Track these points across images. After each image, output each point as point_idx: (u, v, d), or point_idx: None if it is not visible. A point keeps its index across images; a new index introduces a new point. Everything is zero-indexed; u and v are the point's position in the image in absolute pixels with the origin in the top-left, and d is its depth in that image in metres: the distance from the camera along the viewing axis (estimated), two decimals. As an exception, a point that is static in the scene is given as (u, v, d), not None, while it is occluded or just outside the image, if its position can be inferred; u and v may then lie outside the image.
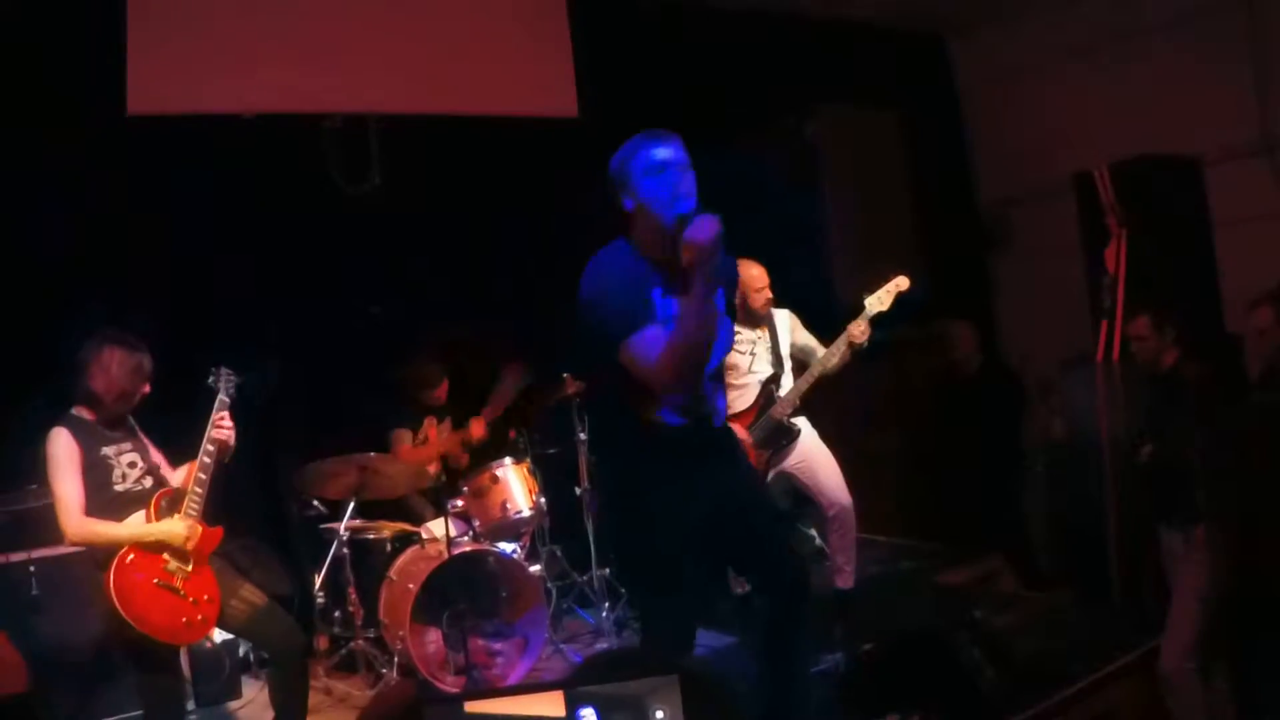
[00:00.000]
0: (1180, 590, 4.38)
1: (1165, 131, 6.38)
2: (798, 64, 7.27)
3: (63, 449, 3.94)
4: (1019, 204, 8.15)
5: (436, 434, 6.20)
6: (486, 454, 6.04)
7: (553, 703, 1.30)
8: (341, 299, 6.05)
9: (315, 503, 5.76)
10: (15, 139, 5.06)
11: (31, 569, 4.73)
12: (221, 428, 4.16)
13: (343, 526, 5.48)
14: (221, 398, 4.25)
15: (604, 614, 5.94)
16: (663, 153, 3.32)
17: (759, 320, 5.63)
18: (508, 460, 5.77)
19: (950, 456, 7.31)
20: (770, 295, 5.60)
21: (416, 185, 6.09)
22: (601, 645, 5.77)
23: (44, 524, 4.73)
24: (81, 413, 4.06)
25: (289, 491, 5.77)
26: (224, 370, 4.32)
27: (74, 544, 3.97)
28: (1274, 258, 5.96)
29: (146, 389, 4.14)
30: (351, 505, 5.54)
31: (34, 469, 4.70)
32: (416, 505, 6.08)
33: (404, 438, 6.07)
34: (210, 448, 4.13)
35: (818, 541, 6.56)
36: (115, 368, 4.04)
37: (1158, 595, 5.00)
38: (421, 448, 6.09)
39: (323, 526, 5.70)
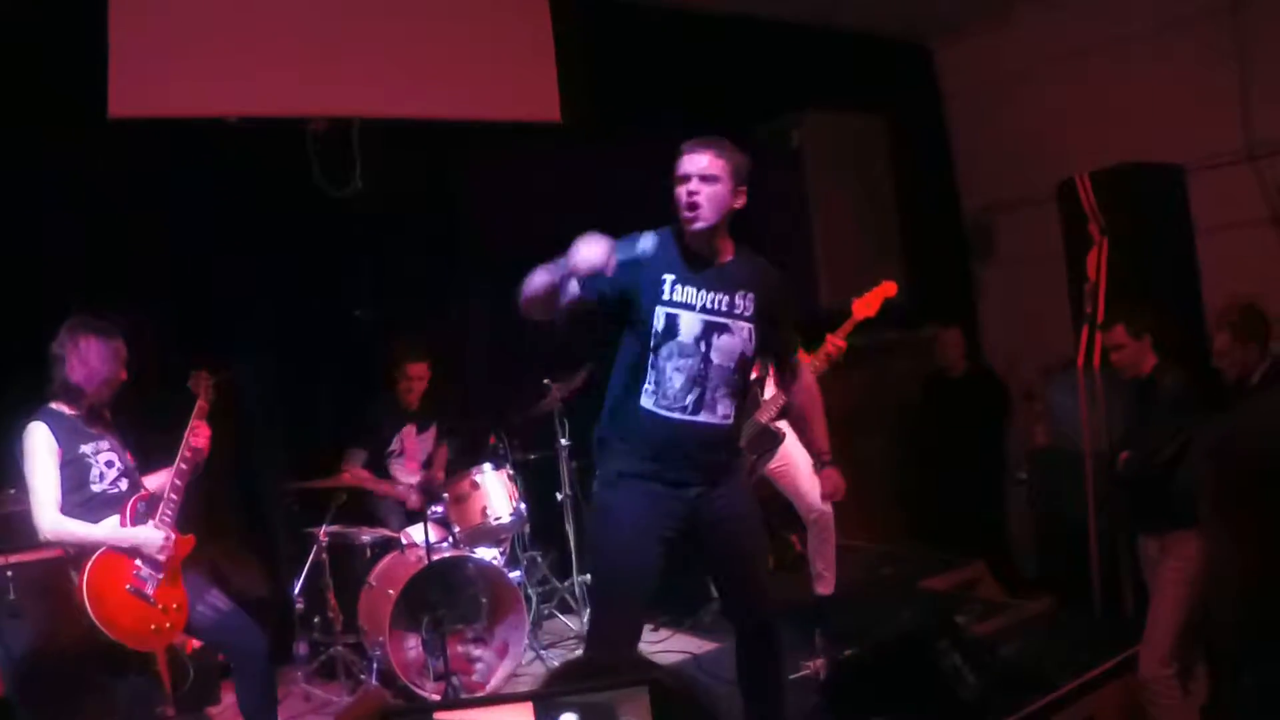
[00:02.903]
0: (1158, 596, 4.39)
1: (1149, 139, 6.40)
2: (784, 70, 7.28)
3: (41, 444, 3.91)
4: (1003, 210, 8.17)
5: (415, 445, 6.15)
6: (466, 460, 6.02)
7: (522, 713, 1.29)
8: (325, 301, 6.03)
9: (294, 507, 5.74)
10: (14, 139, 5.04)
11: (9, 574, 4.68)
12: (199, 435, 4.14)
13: (323, 531, 5.46)
14: (201, 402, 4.23)
15: (585, 620, 5.92)
16: None
17: None
18: (488, 466, 5.74)
19: (933, 462, 7.33)
20: None
21: (399, 189, 6.07)
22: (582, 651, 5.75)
23: (22, 528, 4.68)
24: (60, 407, 4.03)
25: (269, 495, 5.74)
26: (203, 373, 4.30)
27: (47, 541, 3.94)
28: (1255, 265, 5.99)
29: (124, 376, 4.12)
30: (332, 510, 5.53)
31: (12, 473, 4.69)
32: (385, 513, 6.00)
33: (357, 457, 5.96)
34: (187, 454, 4.12)
35: (799, 548, 6.56)
36: (94, 357, 4.01)
37: (1138, 602, 5.02)
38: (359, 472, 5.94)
39: (302, 531, 5.67)
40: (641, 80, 6.56)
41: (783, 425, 5.58)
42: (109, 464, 4.07)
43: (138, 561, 3.94)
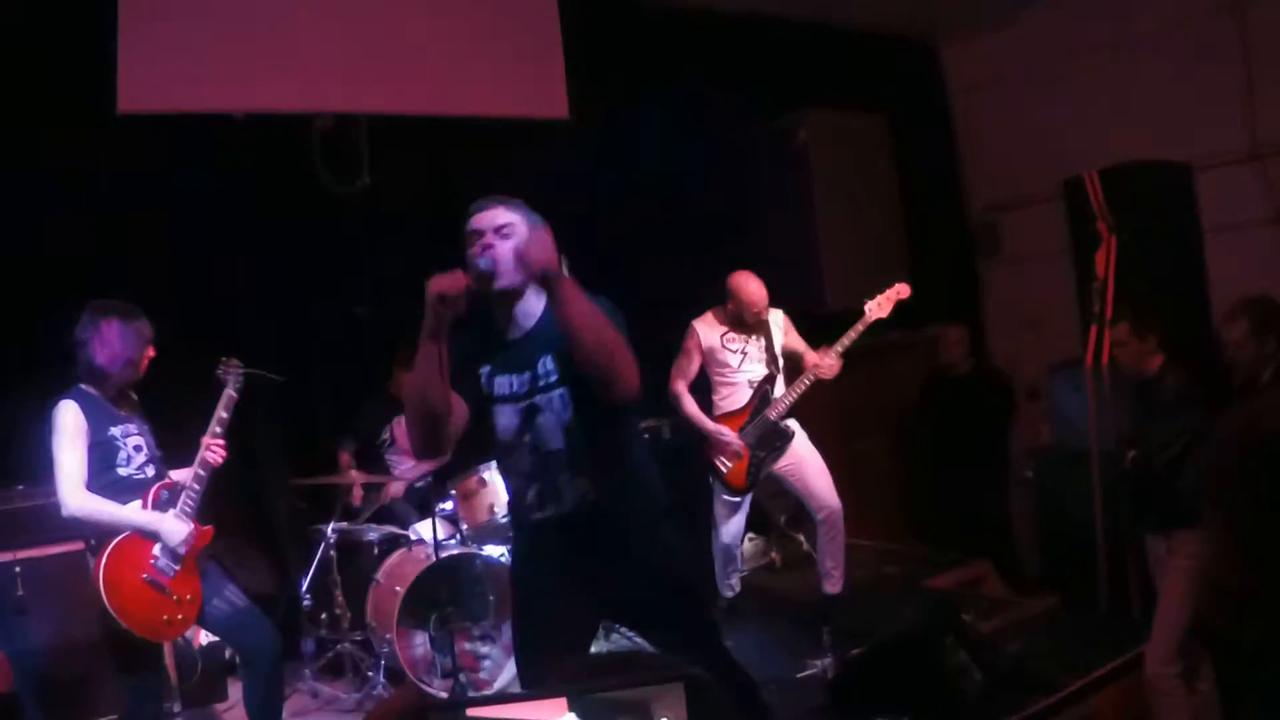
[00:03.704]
0: (1163, 595, 4.40)
1: (1155, 138, 6.40)
2: (788, 68, 7.27)
3: (70, 421, 3.88)
4: (1009, 209, 8.18)
5: (404, 434, 6.16)
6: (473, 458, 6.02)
7: (556, 708, 1.30)
8: (329, 299, 6.03)
9: (301, 504, 5.75)
10: (14, 139, 5.04)
11: (17, 570, 4.69)
12: (214, 451, 4.12)
13: (330, 528, 5.47)
14: (229, 392, 4.22)
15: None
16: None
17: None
18: (495, 463, 5.74)
19: (939, 460, 7.33)
20: (764, 316, 5.60)
21: (406, 186, 6.08)
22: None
23: (30, 524, 4.72)
24: (89, 388, 4.01)
25: (276, 492, 5.75)
26: (232, 363, 4.28)
27: (72, 517, 3.85)
28: (1262, 265, 6.00)
29: (152, 353, 4.11)
30: (339, 506, 5.55)
31: (19, 469, 4.71)
32: (399, 508, 6.04)
33: (347, 445, 6.06)
34: (207, 459, 4.10)
35: (805, 546, 6.58)
36: (116, 338, 3.99)
37: (1144, 601, 5.03)
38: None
39: (310, 528, 5.68)
40: (643, 79, 6.57)
41: (792, 423, 5.60)
42: (137, 448, 4.06)
43: (156, 551, 3.93)
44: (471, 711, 1.36)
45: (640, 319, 3.59)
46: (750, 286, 5.49)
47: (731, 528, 5.71)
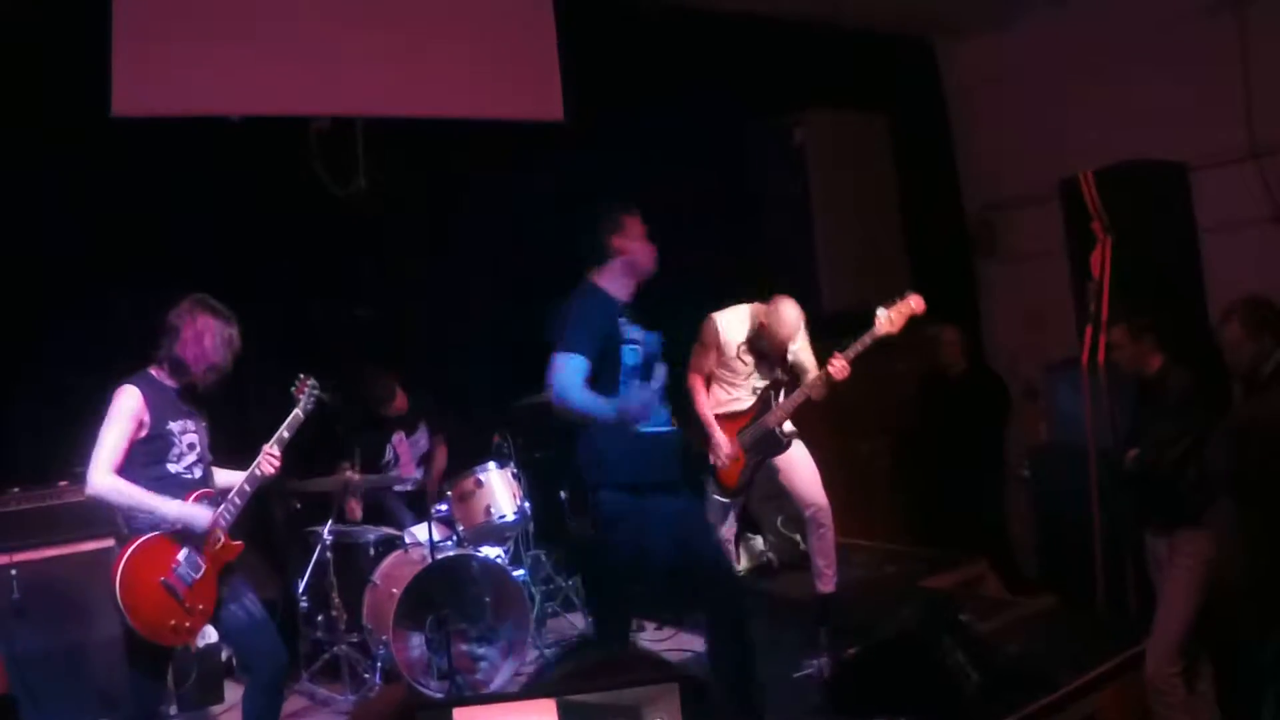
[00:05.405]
0: (1165, 595, 4.39)
1: (1152, 137, 6.38)
2: (786, 68, 7.27)
3: (126, 407, 3.81)
4: (1006, 209, 8.17)
5: (407, 450, 6.17)
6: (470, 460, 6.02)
7: (544, 710, 1.28)
8: (328, 299, 6.02)
9: (298, 506, 5.74)
10: (14, 139, 5.03)
11: (13, 572, 4.69)
12: (271, 462, 4.06)
13: (326, 530, 5.46)
14: (297, 412, 4.15)
15: (588, 618, 5.91)
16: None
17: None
18: (491, 464, 5.72)
19: (936, 460, 7.32)
20: (792, 343, 5.55)
21: (402, 188, 6.07)
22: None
23: (26, 527, 4.71)
24: (161, 376, 3.95)
25: (273, 495, 5.74)
26: (308, 382, 4.22)
27: (93, 494, 3.78)
28: (1259, 264, 5.99)
29: (229, 368, 4.01)
30: (335, 508, 5.54)
31: (15, 473, 4.70)
32: (396, 511, 6.04)
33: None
34: (258, 473, 4.04)
35: (802, 546, 6.56)
36: (209, 338, 3.92)
37: (1142, 600, 5.02)
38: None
39: (306, 530, 5.67)
40: (643, 79, 6.55)
41: (789, 428, 5.58)
42: (190, 445, 3.98)
43: (180, 557, 3.87)
44: (459, 713, 1.35)
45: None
46: (788, 312, 5.44)
47: (725, 523, 5.71)
